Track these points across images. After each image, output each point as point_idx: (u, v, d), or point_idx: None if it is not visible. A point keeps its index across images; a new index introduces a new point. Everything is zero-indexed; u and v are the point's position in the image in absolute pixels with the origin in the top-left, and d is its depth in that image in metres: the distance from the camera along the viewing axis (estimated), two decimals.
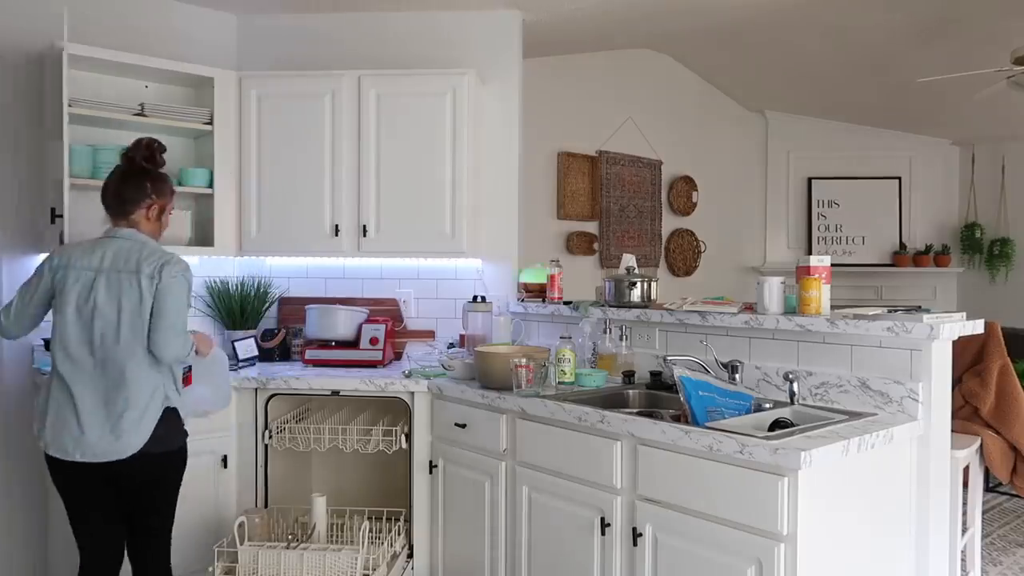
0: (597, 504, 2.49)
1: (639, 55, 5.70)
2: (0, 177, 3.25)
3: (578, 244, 5.36)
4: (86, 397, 2.34)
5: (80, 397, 2.34)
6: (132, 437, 2.34)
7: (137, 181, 2.47)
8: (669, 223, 6.09)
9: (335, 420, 3.38)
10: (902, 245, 6.84)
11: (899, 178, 6.90)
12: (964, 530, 3.39)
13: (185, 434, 2.51)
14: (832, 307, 2.66)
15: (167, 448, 2.43)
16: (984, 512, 4.42)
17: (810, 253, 5.21)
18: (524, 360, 2.81)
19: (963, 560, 3.42)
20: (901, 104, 6.15)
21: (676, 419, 2.54)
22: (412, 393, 3.16)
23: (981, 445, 3.48)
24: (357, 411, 3.51)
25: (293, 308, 3.86)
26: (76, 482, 2.42)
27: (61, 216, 3.04)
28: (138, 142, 2.52)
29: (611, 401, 2.88)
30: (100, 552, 2.51)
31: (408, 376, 3.20)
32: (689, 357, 2.83)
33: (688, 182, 6.15)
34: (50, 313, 2.44)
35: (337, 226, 3.55)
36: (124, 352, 2.34)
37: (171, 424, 2.44)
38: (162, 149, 2.54)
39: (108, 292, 2.35)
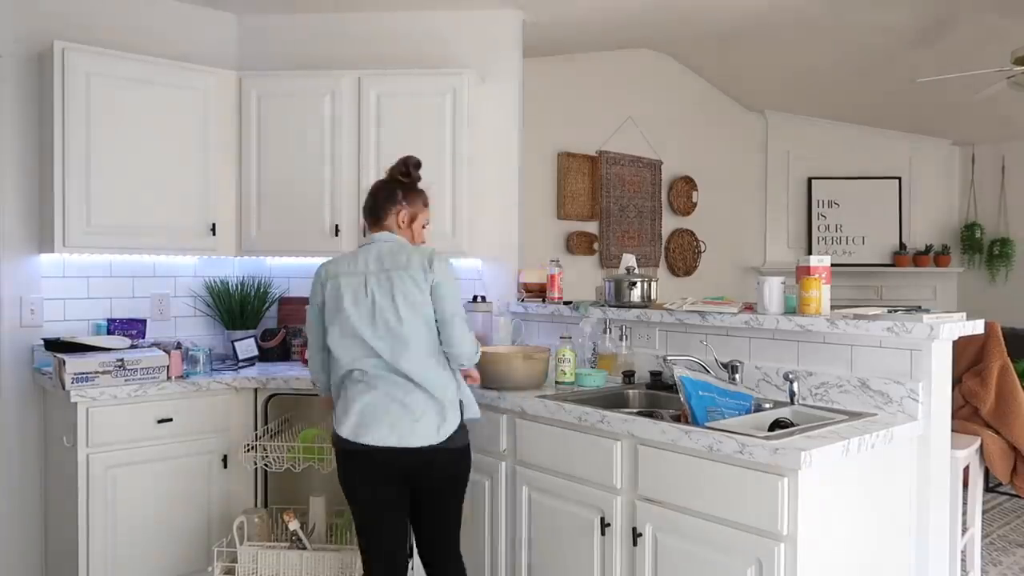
0: (597, 504, 2.49)
1: (639, 55, 5.70)
2: (0, 177, 3.24)
3: (578, 244, 5.36)
4: (385, 389, 2.40)
5: (381, 389, 2.40)
6: (429, 431, 2.38)
7: (389, 189, 2.60)
8: (669, 223, 6.09)
9: (329, 424, 3.37)
10: (902, 245, 6.84)
11: (899, 178, 6.90)
12: (964, 530, 3.39)
13: (468, 433, 2.53)
14: (832, 307, 2.66)
15: (461, 444, 2.48)
16: (984, 512, 4.43)
17: (810, 253, 5.22)
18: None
19: (963, 560, 3.42)
20: (901, 104, 6.15)
21: (676, 419, 2.54)
22: None
23: (981, 445, 3.47)
24: None
25: (293, 308, 3.86)
26: (376, 475, 2.42)
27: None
28: (399, 160, 2.65)
29: (611, 401, 2.88)
30: (389, 556, 2.50)
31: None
32: (689, 357, 2.83)
33: (688, 182, 6.15)
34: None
35: (337, 226, 3.55)
36: (410, 348, 2.39)
37: (462, 420, 2.48)
38: (417, 165, 2.65)
39: (381, 291, 2.41)
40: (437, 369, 2.43)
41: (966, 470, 3.29)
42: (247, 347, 3.53)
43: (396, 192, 2.59)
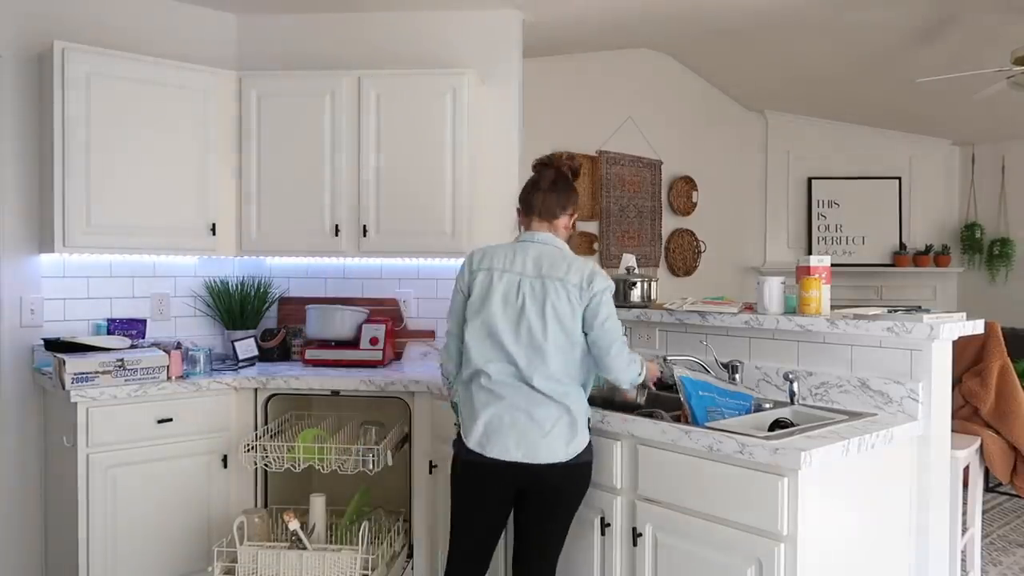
0: (597, 504, 2.49)
1: (639, 55, 5.70)
2: (0, 177, 3.24)
3: (578, 244, 5.36)
4: (513, 401, 2.30)
5: (509, 400, 2.30)
6: (558, 447, 2.29)
7: (568, 189, 2.48)
8: (669, 223, 6.09)
9: (329, 424, 3.38)
10: (902, 245, 6.83)
11: (899, 178, 6.90)
12: (964, 530, 3.39)
13: (592, 449, 2.41)
14: (832, 307, 2.66)
15: (586, 460, 2.37)
16: (984, 512, 4.43)
17: (810, 253, 5.22)
18: None
19: (963, 560, 3.42)
20: (901, 104, 6.15)
21: (676, 419, 2.54)
22: (412, 393, 3.16)
23: (981, 445, 3.47)
24: (356, 411, 3.51)
25: (293, 308, 3.86)
26: (492, 487, 2.35)
27: None
28: (559, 154, 2.53)
29: (611, 401, 2.87)
30: (470, 561, 2.44)
31: None
32: (689, 357, 2.83)
33: (688, 182, 6.15)
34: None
35: (337, 226, 3.55)
36: (547, 363, 2.29)
37: (590, 439, 2.38)
38: (580, 165, 2.57)
39: (533, 297, 2.31)
40: (571, 385, 2.32)
41: (966, 470, 3.29)
42: (247, 347, 3.53)
43: (572, 193, 2.48)
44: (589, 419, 2.40)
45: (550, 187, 2.45)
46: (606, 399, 2.86)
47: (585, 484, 2.41)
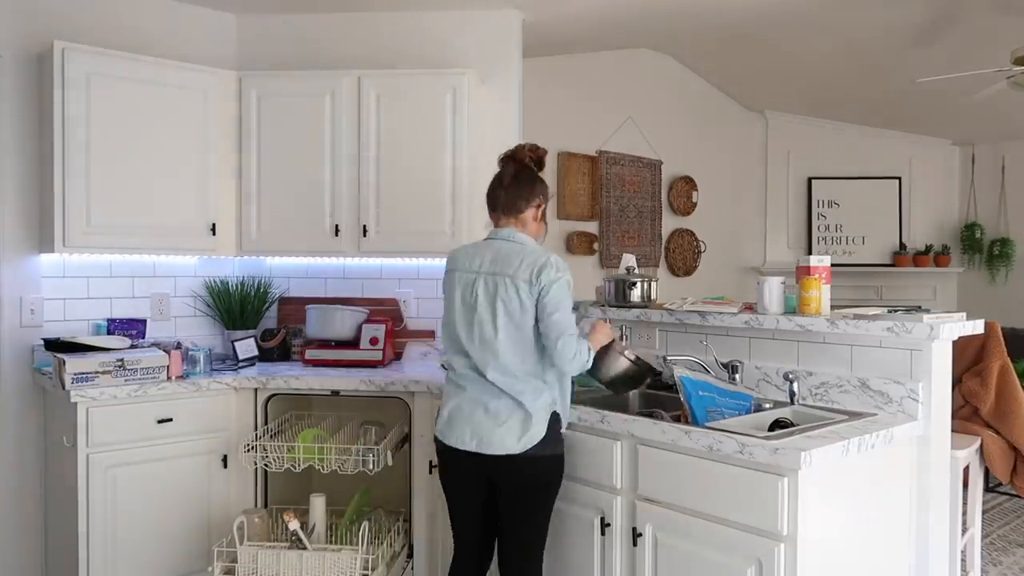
0: (597, 504, 2.49)
1: (639, 55, 5.70)
2: (0, 177, 3.24)
3: (578, 244, 5.36)
4: (472, 393, 2.40)
5: (469, 392, 2.40)
6: (510, 440, 2.33)
7: (530, 183, 2.49)
8: (669, 223, 6.09)
9: (329, 424, 3.38)
10: (902, 245, 6.84)
11: (899, 178, 6.90)
12: (964, 530, 3.39)
13: (562, 443, 2.43)
14: (832, 307, 2.66)
15: (547, 454, 2.38)
16: (984, 512, 4.42)
17: (810, 253, 5.21)
18: None
19: (963, 560, 3.42)
20: (901, 104, 6.15)
21: (676, 419, 2.54)
22: (412, 393, 3.16)
23: (981, 445, 3.47)
24: (356, 411, 3.51)
25: (293, 308, 3.86)
26: (459, 474, 2.48)
27: None
28: (522, 146, 2.53)
29: (611, 401, 2.88)
30: (467, 550, 2.55)
31: None
32: (689, 357, 2.83)
33: (688, 182, 6.15)
34: None
35: (337, 226, 3.55)
36: (499, 358, 2.34)
37: (552, 430, 2.38)
38: (545, 152, 2.56)
39: (485, 294, 2.37)
40: (528, 379, 2.35)
41: (966, 470, 3.29)
42: (247, 347, 3.53)
43: (536, 185, 2.49)
44: (558, 413, 2.40)
45: (511, 182, 2.48)
46: (606, 399, 2.86)
47: (548, 478, 2.41)
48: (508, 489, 2.41)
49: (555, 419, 2.39)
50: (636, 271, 3.26)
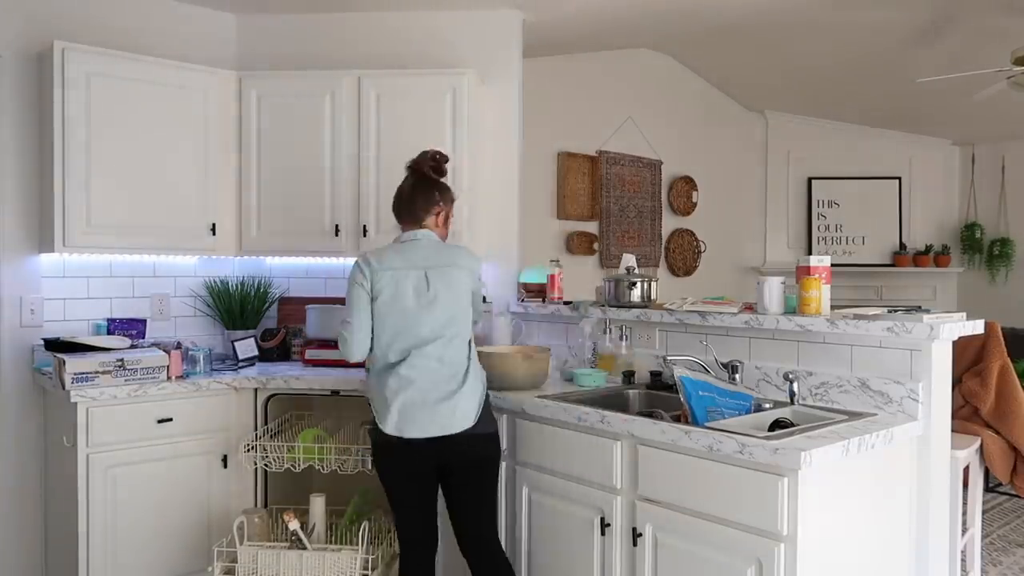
0: (597, 504, 2.49)
1: (639, 55, 5.70)
2: (0, 177, 3.24)
3: (578, 244, 5.36)
4: (424, 383, 2.48)
5: (419, 383, 2.48)
6: (465, 416, 2.47)
7: (428, 191, 2.64)
8: (669, 223, 6.09)
9: (329, 424, 3.38)
10: (902, 245, 6.84)
11: (899, 178, 6.90)
12: (964, 530, 3.39)
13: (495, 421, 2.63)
14: (832, 307, 2.66)
15: (490, 430, 2.56)
16: (984, 512, 4.43)
17: (810, 253, 5.22)
18: None
19: (963, 560, 3.42)
20: (901, 104, 6.15)
21: (676, 419, 2.54)
22: None
23: (981, 445, 3.47)
24: (356, 411, 3.50)
25: (293, 308, 3.86)
26: (411, 462, 2.52)
27: None
28: (424, 154, 2.68)
29: (611, 401, 2.88)
30: (418, 537, 2.60)
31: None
32: (689, 357, 2.83)
33: (688, 182, 6.15)
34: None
35: (337, 226, 3.55)
36: (462, 337, 2.54)
37: (487, 408, 2.58)
38: (445, 159, 2.70)
39: (442, 284, 2.53)
40: (472, 361, 2.56)
41: (966, 470, 3.29)
42: (247, 347, 3.53)
43: (434, 193, 2.65)
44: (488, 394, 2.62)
45: (409, 194, 2.65)
46: (606, 399, 2.86)
47: (498, 451, 2.60)
48: (469, 465, 2.54)
49: (488, 399, 2.59)
50: (636, 271, 3.27)
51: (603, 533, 2.47)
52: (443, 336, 2.51)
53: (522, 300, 3.66)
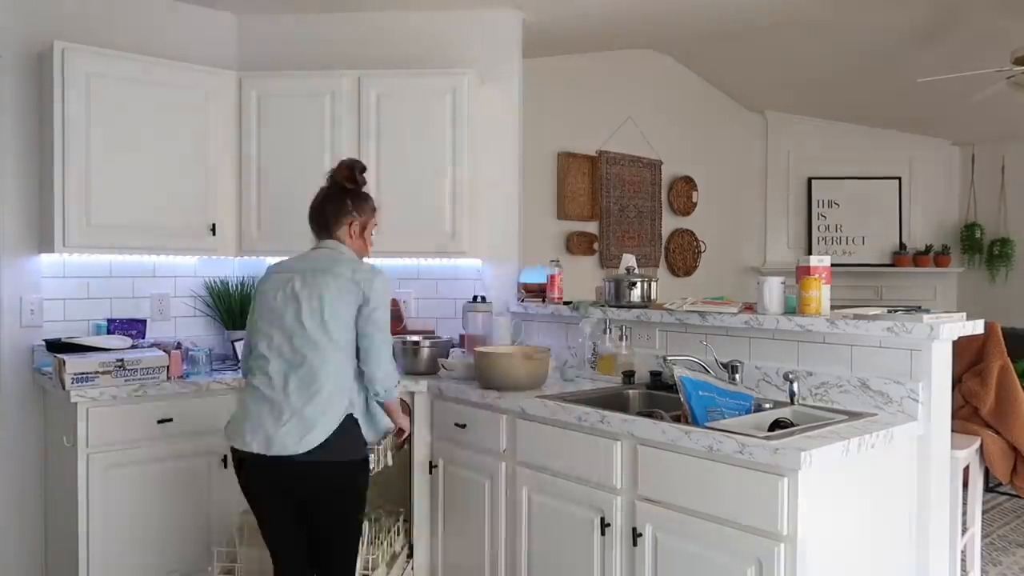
0: (597, 504, 2.49)
1: (639, 55, 5.70)
2: (0, 177, 3.24)
3: (578, 244, 5.36)
4: (277, 390, 2.34)
5: (273, 391, 2.35)
6: (310, 435, 2.29)
7: (339, 200, 2.51)
8: (669, 223, 6.09)
9: None
10: (902, 245, 6.84)
11: (899, 178, 6.90)
12: (964, 530, 3.39)
13: (364, 445, 2.43)
14: (832, 307, 2.66)
15: (341, 458, 2.35)
16: (984, 512, 4.42)
17: (810, 253, 5.22)
18: None
19: (963, 560, 3.42)
20: (901, 104, 6.15)
21: (676, 419, 2.54)
22: (412, 393, 3.16)
23: (981, 445, 3.47)
24: None
25: None
26: (258, 480, 2.41)
27: None
28: (340, 163, 2.55)
29: (611, 401, 2.88)
30: (283, 555, 2.48)
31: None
32: (689, 357, 2.83)
33: (688, 182, 6.15)
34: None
35: None
36: (320, 352, 2.34)
37: (350, 433, 2.37)
38: (362, 169, 2.55)
39: (303, 285, 2.38)
40: (335, 378, 2.34)
41: (966, 470, 3.29)
42: None
43: (346, 202, 2.51)
44: (357, 420, 2.40)
45: (320, 204, 2.53)
46: (606, 399, 2.86)
47: (338, 481, 2.40)
48: (306, 492, 2.39)
49: (352, 423, 2.38)
50: (636, 271, 3.27)
51: (603, 533, 2.47)
52: (291, 347, 2.35)
53: (522, 300, 3.66)
